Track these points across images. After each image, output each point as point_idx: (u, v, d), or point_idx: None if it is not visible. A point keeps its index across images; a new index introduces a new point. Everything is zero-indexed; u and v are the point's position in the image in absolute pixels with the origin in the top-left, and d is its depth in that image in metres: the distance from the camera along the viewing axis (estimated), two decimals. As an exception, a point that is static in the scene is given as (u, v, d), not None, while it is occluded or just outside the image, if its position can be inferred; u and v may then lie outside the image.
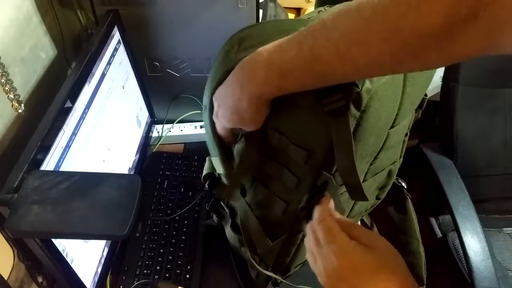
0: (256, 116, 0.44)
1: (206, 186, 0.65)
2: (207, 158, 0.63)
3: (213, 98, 0.48)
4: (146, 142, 0.95)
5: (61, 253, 0.55)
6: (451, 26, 0.29)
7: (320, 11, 0.53)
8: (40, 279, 0.66)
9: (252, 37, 0.46)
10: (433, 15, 0.29)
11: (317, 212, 0.44)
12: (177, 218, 0.82)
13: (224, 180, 0.59)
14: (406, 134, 0.58)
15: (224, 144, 0.53)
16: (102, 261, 0.70)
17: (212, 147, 0.55)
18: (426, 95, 0.55)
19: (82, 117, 0.61)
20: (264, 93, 0.40)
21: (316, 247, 0.41)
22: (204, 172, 0.63)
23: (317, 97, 0.41)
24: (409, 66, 0.35)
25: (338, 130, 0.42)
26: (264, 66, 0.39)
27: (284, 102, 0.43)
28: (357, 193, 0.46)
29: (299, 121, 0.45)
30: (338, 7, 0.51)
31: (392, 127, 0.48)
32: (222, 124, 0.49)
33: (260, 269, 0.61)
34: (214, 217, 0.69)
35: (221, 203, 0.65)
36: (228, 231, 0.66)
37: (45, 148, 0.52)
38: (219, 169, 0.57)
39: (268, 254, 0.61)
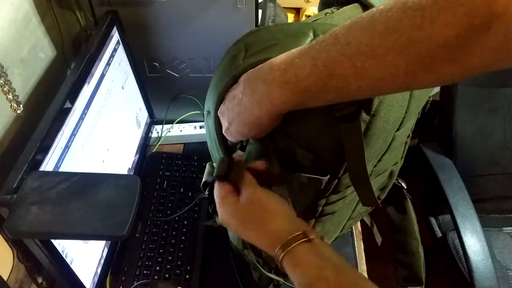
0: (275, 124, 0.44)
1: (206, 193, 0.64)
2: (207, 164, 0.62)
3: (220, 115, 0.47)
4: (145, 142, 0.95)
5: (60, 254, 0.55)
6: (465, 37, 0.29)
7: (327, 13, 0.53)
8: (40, 280, 0.66)
9: (259, 42, 0.45)
10: (447, 26, 0.29)
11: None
12: (176, 218, 0.82)
13: None
14: (408, 136, 0.58)
15: (229, 150, 0.53)
16: (102, 261, 0.70)
17: (215, 152, 0.55)
18: (430, 97, 0.55)
19: (81, 118, 0.61)
20: (283, 110, 0.41)
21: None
22: (204, 179, 0.63)
23: None
24: (424, 80, 0.34)
25: (349, 136, 0.42)
26: (279, 87, 0.38)
27: None
28: (368, 198, 0.46)
29: (308, 125, 0.44)
30: (348, 10, 0.51)
31: (398, 129, 0.48)
32: (237, 138, 0.48)
33: (264, 271, 0.61)
34: (217, 219, 0.68)
35: None
36: (231, 233, 0.65)
37: (45, 148, 0.52)
38: None
39: (272, 257, 0.61)
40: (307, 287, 0.38)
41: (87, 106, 0.64)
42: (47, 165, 0.52)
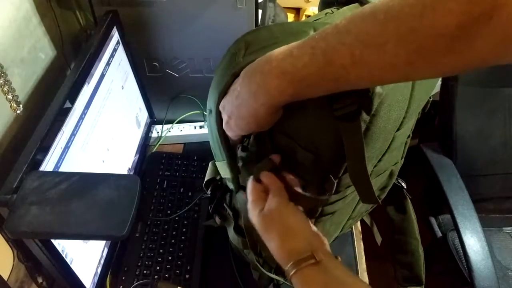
0: (274, 119, 0.44)
1: (209, 193, 0.64)
2: (210, 163, 0.62)
3: (221, 109, 0.47)
4: (145, 142, 0.95)
5: (60, 254, 0.55)
6: (466, 26, 0.29)
7: (327, 13, 0.52)
8: (40, 280, 0.66)
9: (259, 41, 0.45)
10: (448, 15, 0.29)
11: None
12: (176, 218, 0.82)
13: (229, 184, 0.59)
14: (409, 136, 0.58)
15: (231, 148, 0.53)
16: (102, 261, 0.70)
17: (218, 151, 0.55)
18: (430, 97, 0.55)
19: (81, 118, 0.61)
20: (280, 102, 0.40)
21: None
22: (207, 178, 0.62)
23: (328, 101, 0.40)
24: (424, 71, 0.34)
25: (349, 135, 0.41)
26: (276, 77, 0.38)
27: (294, 106, 0.42)
28: (368, 197, 0.46)
29: (308, 125, 0.44)
30: (348, 10, 0.51)
31: (398, 129, 0.48)
32: (236, 133, 0.48)
33: (264, 271, 0.61)
34: (217, 219, 0.68)
35: (224, 204, 0.65)
36: (231, 233, 0.65)
37: (44, 148, 0.52)
38: (225, 173, 0.56)
39: (272, 256, 0.61)
40: None
41: (87, 106, 0.64)
42: (47, 165, 0.52)
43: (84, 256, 0.64)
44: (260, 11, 0.85)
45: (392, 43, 0.32)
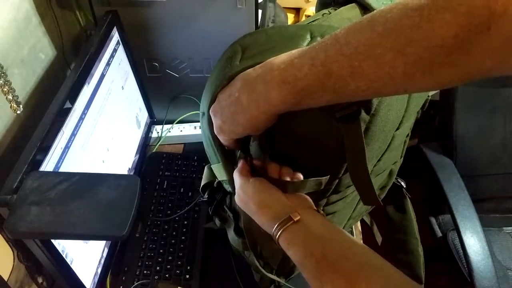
0: (271, 124, 0.43)
1: (206, 197, 0.64)
2: (205, 167, 0.62)
3: (212, 114, 0.46)
4: (145, 142, 0.95)
5: (60, 254, 0.55)
6: (464, 38, 0.29)
7: (324, 13, 0.52)
8: (40, 280, 0.66)
9: (256, 45, 0.45)
10: (445, 26, 0.29)
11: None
12: (176, 218, 0.82)
13: (226, 187, 0.59)
14: (408, 135, 0.58)
15: (225, 150, 0.52)
16: (102, 261, 0.70)
17: (212, 154, 0.54)
18: (428, 96, 0.55)
19: (81, 118, 0.61)
20: (280, 110, 0.40)
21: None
22: (203, 182, 0.62)
23: None
24: (422, 83, 0.34)
25: (350, 136, 0.41)
26: (278, 86, 0.38)
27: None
28: (369, 198, 0.46)
29: (309, 126, 0.44)
30: (346, 10, 0.51)
31: (397, 129, 0.48)
32: (229, 137, 0.48)
33: (265, 272, 0.61)
34: (217, 221, 0.68)
35: (224, 206, 0.65)
36: (232, 235, 0.65)
37: (45, 149, 0.52)
38: (221, 175, 0.56)
39: (273, 257, 0.61)
40: (300, 265, 0.40)
41: (87, 106, 0.64)
42: (47, 165, 0.52)
43: (84, 256, 0.64)
44: (260, 11, 0.85)
45: (390, 54, 0.32)
